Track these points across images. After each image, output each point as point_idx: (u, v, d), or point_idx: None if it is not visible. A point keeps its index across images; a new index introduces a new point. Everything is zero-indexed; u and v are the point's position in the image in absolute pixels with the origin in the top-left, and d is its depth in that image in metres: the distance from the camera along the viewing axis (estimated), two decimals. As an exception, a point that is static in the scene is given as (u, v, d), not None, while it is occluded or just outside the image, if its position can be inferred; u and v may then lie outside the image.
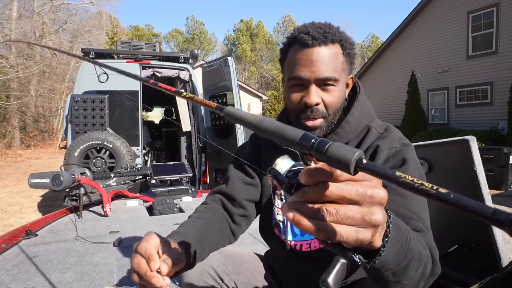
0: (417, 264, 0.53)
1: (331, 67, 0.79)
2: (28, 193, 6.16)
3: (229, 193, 0.96)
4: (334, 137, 0.87)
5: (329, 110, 0.82)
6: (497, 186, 5.67)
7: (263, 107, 23.96)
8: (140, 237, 1.94)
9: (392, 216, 0.46)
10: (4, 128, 13.73)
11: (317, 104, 0.81)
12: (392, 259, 0.46)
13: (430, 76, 11.48)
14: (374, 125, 0.87)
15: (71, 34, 18.53)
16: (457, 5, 10.62)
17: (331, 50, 0.79)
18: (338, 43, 0.80)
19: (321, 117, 0.82)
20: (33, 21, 15.68)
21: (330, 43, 0.79)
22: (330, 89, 0.81)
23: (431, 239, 0.65)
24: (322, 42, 0.78)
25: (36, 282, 1.38)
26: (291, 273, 0.96)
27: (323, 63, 0.78)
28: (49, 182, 2.16)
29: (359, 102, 0.89)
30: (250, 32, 47.13)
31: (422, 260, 0.55)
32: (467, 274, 1.26)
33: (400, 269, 0.49)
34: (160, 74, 4.32)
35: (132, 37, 33.46)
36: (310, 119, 0.82)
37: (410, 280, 0.54)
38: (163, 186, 3.02)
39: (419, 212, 0.69)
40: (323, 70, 0.78)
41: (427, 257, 0.57)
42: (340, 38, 0.80)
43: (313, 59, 0.78)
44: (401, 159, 0.78)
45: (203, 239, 0.79)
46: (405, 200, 0.70)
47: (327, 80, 0.79)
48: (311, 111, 0.81)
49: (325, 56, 0.78)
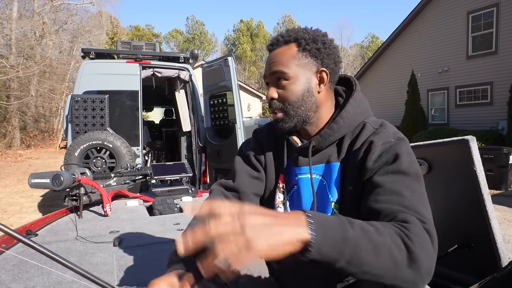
0: (374, 252, 0.58)
1: (280, 64, 0.88)
2: (28, 193, 6.17)
3: (236, 187, 0.98)
4: (328, 132, 0.89)
5: (285, 104, 0.90)
6: (497, 186, 5.68)
7: (263, 107, 23.97)
8: (140, 237, 1.95)
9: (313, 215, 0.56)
10: (5, 128, 13.74)
11: (272, 99, 0.91)
12: (330, 248, 0.55)
13: (430, 76, 11.48)
14: (370, 121, 0.89)
15: (71, 34, 18.55)
16: (457, 5, 10.62)
17: (284, 50, 0.90)
18: (293, 42, 0.89)
19: (280, 111, 0.91)
20: (33, 21, 15.69)
21: (283, 45, 0.90)
22: (284, 84, 0.89)
23: (415, 230, 0.64)
24: (276, 45, 0.91)
25: (36, 282, 1.38)
26: (292, 272, 0.96)
27: (274, 61, 0.90)
28: (49, 182, 2.16)
29: (354, 99, 0.92)
30: (250, 32, 47.13)
31: (381, 248, 0.58)
32: (467, 274, 1.26)
33: (348, 257, 0.56)
34: (160, 74, 4.32)
35: (132, 37, 33.49)
36: (273, 113, 0.92)
37: (377, 268, 0.58)
38: (163, 186, 3.02)
39: (414, 206, 0.70)
40: (272, 66, 0.90)
41: (390, 245, 0.59)
42: (294, 37, 0.89)
43: (269, 60, 0.92)
44: (394, 154, 0.79)
45: None
46: (400, 198, 0.72)
47: (276, 74, 0.89)
48: (269, 105, 0.93)
49: (276, 55, 0.90)
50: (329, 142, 0.90)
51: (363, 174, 0.82)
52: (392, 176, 0.76)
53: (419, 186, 0.76)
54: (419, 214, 0.68)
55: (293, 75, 0.88)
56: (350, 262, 0.57)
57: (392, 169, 0.77)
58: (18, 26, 14.54)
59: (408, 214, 0.68)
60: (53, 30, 17.05)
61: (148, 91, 4.89)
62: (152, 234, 2.01)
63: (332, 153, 0.91)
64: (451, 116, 11.07)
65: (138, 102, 4.12)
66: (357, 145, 0.86)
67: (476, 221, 1.17)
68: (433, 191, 1.37)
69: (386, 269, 0.59)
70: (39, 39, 15.91)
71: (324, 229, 0.56)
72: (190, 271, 0.73)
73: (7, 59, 13.58)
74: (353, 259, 0.57)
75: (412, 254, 0.61)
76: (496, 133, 8.88)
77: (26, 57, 14.32)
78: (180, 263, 0.77)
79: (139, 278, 1.38)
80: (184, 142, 4.73)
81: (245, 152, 1.04)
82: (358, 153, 0.85)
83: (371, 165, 0.80)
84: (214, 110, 4.49)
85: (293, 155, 0.96)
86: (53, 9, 16.87)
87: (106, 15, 22.88)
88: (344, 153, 0.89)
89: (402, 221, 0.66)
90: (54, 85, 15.79)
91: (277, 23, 53.22)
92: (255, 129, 1.11)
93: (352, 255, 0.57)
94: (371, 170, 0.80)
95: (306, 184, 0.93)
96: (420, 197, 0.73)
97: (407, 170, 0.76)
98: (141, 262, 1.58)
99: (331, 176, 0.89)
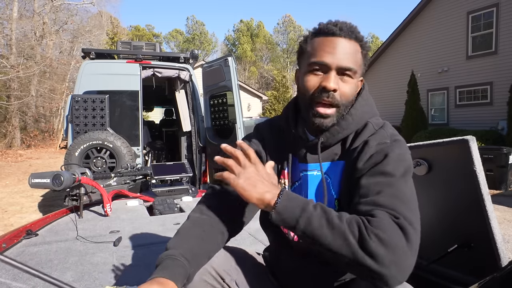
0: (328, 229, 0.70)
1: (352, 59, 0.84)
2: (29, 193, 6.17)
3: None
4: (337, 128, 0.88)
5: (342, 100, 0.85)
6: (497, 186, 5.68)
7: (263, 107, 23.96)
8: (140, 237, 1.95)
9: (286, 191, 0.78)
10: (5, 128, 13.74)
11: (334, 90, 0.83)
12: (288, 214, 0.74)
13: (430, 76, 11.48)
14: (372, 122, 0.89)
15: (71, 34, 18.56)
16: (457, 5, 10.63)
17: (353, 45, 0.85)
18: (359, 42, 0.86)
19: (335, 106, 0.85)
20: (33, 21, 15.70)
21: (353, 39, 0.85)
22: (347, 80, 0.85)
23: (378, 223, 0.68)
24: (347, 35, 0.84)
25: (36, 282, 1.38)
26: (291, 270, 0.96)
27: (346, 53, 0.83)
28: (49, 182, 2.16)
29: (363, 98, 0.92)
30: (251, 32, 47.13)
31: (336, 228, 0.69)
32: (467, 274, 1.26)
33: (303, 227, 0.72)
34: (161, 74, 4.32)
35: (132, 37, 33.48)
36: (324, 106, 0.85)
37: (332, 246, 0.69)
38: (163, 186, 3.03)
39: (390, 204, 0.72)
40: (345, 59, 0.83)
41: (345, 229, 0.69)
42: (361, 38, 0.87)
43: (337, 47, 0.83)
44: (383, 155, 0.80)
45: (198, 253, 0.83)
46: (377, 197, 0.74)
47: (347, 70, 0.84)
48: (328, 96, 0.84)
49: (348, 48, 0.84)
50: (337, 139, 0.89)
51: (353, 173, 0.83)
52: (376, 177, 0.77)
53: (402, 185, 0.76)
54: (394, 211, 0.70)
55: (357, 75, 0.87)
56: (305, 232, 0.72)
57: (378, 170, 0.78)
58: (18, 26, 14.55)
59: (379, 211, 0.71)
60: (53, 30, 17.06)
61: (148, 91, 4.89)
62: (152, 234, 2.01)
63: (338, 151, 0.91)
64: (451, 116, 11.07)
65: (138, 102, 4.12)
66: (355, 144, 0.87)
67: (476, 221, 1.17)
68: (433, 191, 1.37)
69: (340, 249, 0.68)
70: (39, 39, 15.91)
71: (288, 200, 0.76)
72: (175, 280, 0.73)
73: (8, 59, 13.59)
74: (307, 229, 0.72)
75: (365, 242, 0.66)
76: (496, 133, 8.88)
77: (27, 57, 14.33)
78: (169, 268, 0.76)
79: (139, 278, 1.38)
80: (184, 142, 4.73)
81: None
82: (354, 152, 0.85)
83: (361, 166, 0.81)
84: (214, 110, 4.49)
85: (300, 151, 0.95)
86: (53, 9, 16.88)
87: (106, 15, 22.88)
88: (347, 151, 0.89)
89: (368, 215, 0.71)
90: (55, 85, 15.79)
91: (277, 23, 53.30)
92: (257, 124, 1.10)
93: (306, 225, 0.72)
94: (360, 171, 0.81)
95: (312, 181, 0.93)
96: (401, 196, 0.74)
97: (392, 171, 0.77)
98: (141, 262, 1.58)
99: (336, 174, 0.89)
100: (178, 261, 0.77)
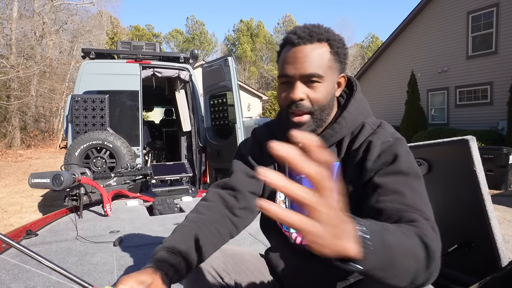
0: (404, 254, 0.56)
1: (315, 64, 0.82)
2: (29, 193, 6.17)
3: (232, 185, 0.97)
4: (330, 132, 0.89)
5: (314, 106, 0.85)
6: (497, 186, 5.67)
7: (263, 107, 23.97)
8: (140, 237, 1.95)
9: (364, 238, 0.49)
10: (5, 128, 13.73)
11: (301, 100, 0.83)
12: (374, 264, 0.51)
13: (430, 76, 11.48)
14: (369, 121, 0.89)
15: (71, 34, 18.55)
16: (457, 5, 10.62)
17: (317, 48, 0.82)
18: (325, 42, 0.83)
19: (307, 113, 0.85)
20: (33, 21, 15.68)
21: (316, 42, 0.82)
22: (315, 85, 0.84)
23: (425, 227, 0.64)
24: (308, 41, 0.82)
25: (36, 282, 1.38)
26: (293, 271, 0.96)
27: (307, 60, 0.82)
28: (49, 182, 2.16)
29: (355, 99, 0.92)
30: (251, 32, 47.12)
31: (408, 250, 0.57)
32: (467, 274, 1.26)
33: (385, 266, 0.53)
34: (160, 74, 4.32)
35: (132, 37, 33.48)
36: (296, 115, 0.85)
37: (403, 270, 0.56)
38: (163, 186, 3.03)
39: (416, 205, 0.70)
40: (307, 67, 0.82)
41: (415, 246, 0.59)
42: (327, 37, 0.83)
43: (298, 57, 0.82)
44: (393, 155, 0.79)
45: (192, 250, 0.82)
46: (402, 197, 0.71)
47: (311, 77, 0.82)
48: (296, 106, 0.84)
49: (309, 53, 0.82)
50: (331, 143, 0.90)
51: (363, 174, 0.82)
52: (392, 177, 0.76)
53: (419, 185, 0.76)
54: (422, 212, 0.69)
55: (326, 77, 0.84)
56: (384, 269, 0.53)
57: (392, 170, 0.77)
58: (18, 26, 14.54)
59: (413, 213, 0.68)
60: (53, 30, 17.05)
61: (148, 91, 4.89)
62: (152, 234, 2.01)
63: (332, 153, 0.91)
64: (451, 116, 11.07)
65: (138, 102, 4.12)
66: (356, 145, 0.86)
67: (476, 221, 1.17)
68: (433, 191, 1.37)
69: (410, 270, 0.57)
70: (39, 39, 15.91)
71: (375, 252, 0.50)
72: (164, 270, 0.73)
73: (7, 59, 13.57)
74: (388, 266, 0.54)
75: (430, 251, 0.60)
76: (496, 133, 8.88)
77: (26, 57, 14.31)
78: (159, 260, 0.76)
79: (139, 278, 1.37)
80: (184, 142, 4.73)
81: (243, 151, 1.04)
82: (357, 153, 0.85)
83: (370, 165, 0.80)
84: (214, 110, 4.49)
85: None
86: (53, 9, 16.86)
87: (106, 15, 22.89)
88: (343, 153, 0.89)
89: (411, 221, 0.66)
90: (54, 85, 15.78)
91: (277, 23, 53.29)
92: (254, 128, 1.09)
93: (388, 263, 0.53)
94: (371, 171, 0.80)
95: (308, 184, 0.92)
96: (421, 196, 0.74)
97: (407, 170, 0.77)
98: (141, 262, 1.58)
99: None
100: (169, 253, 0.78)
